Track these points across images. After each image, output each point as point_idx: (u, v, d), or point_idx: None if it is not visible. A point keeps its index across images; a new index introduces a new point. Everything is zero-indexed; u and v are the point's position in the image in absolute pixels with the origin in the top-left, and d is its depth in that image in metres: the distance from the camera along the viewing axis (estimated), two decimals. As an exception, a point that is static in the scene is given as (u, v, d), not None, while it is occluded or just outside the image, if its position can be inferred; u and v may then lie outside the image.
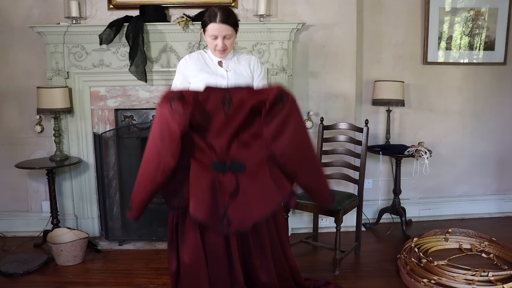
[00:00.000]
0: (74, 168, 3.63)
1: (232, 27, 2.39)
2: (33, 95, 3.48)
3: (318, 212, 3.26)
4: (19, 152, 3.67)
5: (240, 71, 2.50)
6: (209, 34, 2.38)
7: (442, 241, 3.50)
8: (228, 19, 2.35)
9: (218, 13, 2.33)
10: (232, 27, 2.38)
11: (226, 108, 2.13)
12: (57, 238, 3.31)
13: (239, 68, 2.51)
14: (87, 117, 3.59)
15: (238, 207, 2.12)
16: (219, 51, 2.42)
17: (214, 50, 2.44)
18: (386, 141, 3.90)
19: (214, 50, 2.43)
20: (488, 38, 4.02)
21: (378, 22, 3.90)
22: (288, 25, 3.50)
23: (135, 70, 3.40)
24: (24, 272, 3.05)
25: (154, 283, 2.94)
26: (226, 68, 2.49)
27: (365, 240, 3.57)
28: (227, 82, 2.44)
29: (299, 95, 3.70)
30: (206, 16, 2.39)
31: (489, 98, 4.12)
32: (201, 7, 3.56)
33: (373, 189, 4.06)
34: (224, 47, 2.40)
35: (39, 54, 3.56)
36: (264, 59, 3.56)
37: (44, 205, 3.75)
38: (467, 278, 2.82)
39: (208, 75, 2.44)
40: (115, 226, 3.69)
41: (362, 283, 2.96)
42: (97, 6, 3.55)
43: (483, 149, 4.18)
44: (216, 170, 2.15)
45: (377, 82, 3.84)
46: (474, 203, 4.21)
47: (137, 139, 3.74)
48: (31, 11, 3.53)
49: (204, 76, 2.44)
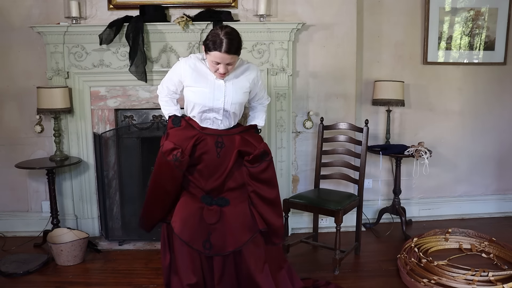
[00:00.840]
0: (74, 168, 3.63)
1: (236, 55, 2.33)
2: (33, 95, 3.48)
3: (318, 212, 3.26)
4: (19, 152, 3.67)
5: (239, 85, 2.46)
6: (211, 59, 2.31)
7: (442, 241, 3.50)
8: (232, 49, 2.26)
9: (224, 43, 2.23)
10: (236, 54, 2.32)
11: (219, 149, 2.42)
12: (57, 238, 3.31)
13: (237, 79, 2.46)
14: (87, 117, 3.59)
15: (220, 235, 2.41)
16: (220, 74, 2.36)
17: (214, 72, 2.37)
18: (386, 141, 3.90)
19: (215, 72, 2.37)
20: (488, 38, 4.02)
21: (378, 22, 3.90)
22: (288, 25, 3.50)
23: (135, 70, 3.40)
24: (24, 272, 3.05)
25: (154, 283, 2.94)
26: (225, 79, 2.42)
27: (365, 240, 3.57)
28: (224, 97, 2.41)
29: (299, 95, 3.71)
30: (210, 41, 2.27)
31: (489, 98, 4.12)
32: (201, 7, 3.56)
33: (373, 189, 4.06)
34: (225, 72, 2.35)
35: (39, 54, 3.56)
36: (264, 59, 3.56)
37: (44, 205, 3.75)
38: (467, 278, 2.82)
39: (205, 88, 2.40)
40: (115, 226, 3.69)
41: (362, 283, 2.96)
42: (97, 6, 3.55)
43: (483, 149, 4.18)
44: (204, 202, 2.45)
45: (377, 82, 3.84)
46: (474, 203, 4.21)
47: (137, 139, 3.73)
48: (31, 11, 3.53)
49: (201, 88, 2.40)
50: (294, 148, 3.77)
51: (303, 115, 3.75)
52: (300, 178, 3.83)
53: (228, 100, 2.42)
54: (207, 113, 2.43)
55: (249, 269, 2.43)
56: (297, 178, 3.82)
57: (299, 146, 3.78)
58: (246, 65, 2.53)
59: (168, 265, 2.53)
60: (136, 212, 3.77)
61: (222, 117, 2.44)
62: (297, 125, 3.75)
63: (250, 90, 2.51)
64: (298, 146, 3.78)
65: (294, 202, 3.22)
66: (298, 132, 3.77)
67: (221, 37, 2.25)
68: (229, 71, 2.38)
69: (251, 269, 2.43)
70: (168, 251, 2.53)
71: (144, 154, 3.78)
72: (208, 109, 2.41)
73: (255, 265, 2.44)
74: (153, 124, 3.62)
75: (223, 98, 2.41)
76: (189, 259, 2.43)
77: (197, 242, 2.40)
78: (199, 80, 2.41)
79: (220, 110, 2.42)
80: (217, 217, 2.41)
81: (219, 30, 2.28)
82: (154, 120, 3.63)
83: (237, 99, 2.44)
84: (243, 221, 2.43)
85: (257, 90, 2.58)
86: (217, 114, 2.43)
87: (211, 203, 2.43)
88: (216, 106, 2.41)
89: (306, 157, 3.80)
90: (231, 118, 2.48)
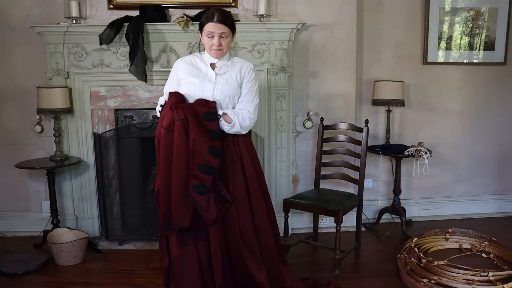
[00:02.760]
0: (74, 168, 3.63)
1: (229, 28, 2.41)
2: (33, 95, 3.48)
3: (318, 212, 3.26)
4: (19, 152, 3.67)
5: (230, 77, 2.48)
6: (206, 32, 2.40)
7: (442, 241, 3.50)
8: (225, 20, 2.39)
9: (216, 14, 2.38)
10: (229, 28, 2.40)
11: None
12: (57, 238, 3.31)
13: (230, 73, 2.49)
14: (87, 117, 3.59)
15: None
16: (215, 50, 2.42)
17: (210, 50, 2.44)
18: (386, 141, 3.90)
19: (210, 50, 2.44)
20: (488, 38, 4.02)
21: (378, 22, 3.90)
22: (288, 25, 3.50)
23: (135, 70, 3.40)
24: (24, 272, 3.04)
25: (154, 283, 2.93)
26: (217, 71, 2.48)
27: (365, 240, 3.57)
28: (213, 86, 2.44)
29: (299, 95, 3.71)
30: (204, 17, 2.42)
31: (489, 98, 4.12)
32: (201, 7, 3.56)
33: (373, 189, 4.06)
34: (219, 45, 2.40)
35: (39, 54, 3.56)
36: (264, 59, 3.56)
37: (44, 205, 3.75)
38: (467, 278, 2.82)
39: (196, 79, 2.45)
40: (115, 226, 3.69)
41: (362, 283, 2.96)
42: (97, 6, 3.55)
43: (483, 149, 4.18)
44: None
45: (377, 82, 3.84)
46: (474, 203, 4.21)
47: (137, 139, 3.74)
48: (31, 11, 3.53)
49: (192, 79, 2.45)
50: (294, 148, 3.77)
51: (303, 115, 3.75)
52: (300, 178, 3.83)
53: (217, 89, 2.43)
54: None
55: (249, 270, 2.45)
56: (297, 178, 3.83)
57: (299, 146, 3.78)
58: (243, 61, 2.58)
59: (167, 267, 2.46)
60: (136, 212, 3.79)
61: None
62: (297, 125, 3.75)
63: (240, 82, 2.50)
64: (298, 146, 3.78)
65: (294, 202, 3.22)
66: (298, 132, 3.77)
67: (213, 11, 2.40)
68: (224, 47, 2.42)
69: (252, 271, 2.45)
70: (166, 249, 2.46)
71: (144, 154, 3.78)
72: (198, 99, 2.42)
73: (254, 266, 2.46)
74: (153, 124, 3.62)
75: (212, 88, 2.43)
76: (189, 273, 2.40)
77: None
78: (191, 72, 2.48)
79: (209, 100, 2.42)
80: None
81: (211, 9, 2.45)
82: (154, 120, 3.63)
83: (227, 90, 2.45)
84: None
85: (244, 83, 2.50)
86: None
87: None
88: (205, 95, 2.42)
89: (306, 157, 3.80)
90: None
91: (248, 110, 2.48)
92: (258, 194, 2.53)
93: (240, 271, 2.49)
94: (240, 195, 2.47)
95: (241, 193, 2.47)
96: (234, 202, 2.45)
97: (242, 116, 2.44)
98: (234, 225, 2.44)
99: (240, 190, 2.47)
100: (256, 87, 2.56)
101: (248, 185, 2.49)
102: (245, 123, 2.45)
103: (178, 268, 2.41)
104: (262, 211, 2.54)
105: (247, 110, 2.48)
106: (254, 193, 2.51)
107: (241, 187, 2.47)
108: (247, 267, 2.47)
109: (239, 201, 2.46)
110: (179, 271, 2.41)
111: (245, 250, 2.46)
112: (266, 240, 2.53)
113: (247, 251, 2.47)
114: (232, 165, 2.46)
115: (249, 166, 2.50)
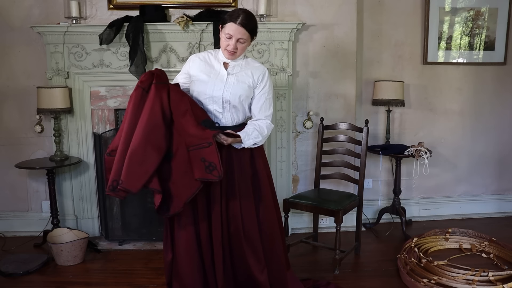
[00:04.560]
0: (74, 168, 3.63)
1: (249, 33, 2.36)
2: (33, 95, 3.48)
3: (318, 212, 3.26)
4: (19, 152, 3.67)
5: (243, 79, 2.44)
6: (225, 32, 2.35)
7: (442, 241, 3.50)
8: (248, 24, 2.33)
9: (241, 16, 2.32)
10: (249, 33, 2.36)
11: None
12: (57, 238, 3.31)
13: (242, 74, 2.45)
14: (87, 117, 3.59)
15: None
16: (228, 52, 2.38)
17: (224, 50, 2.40)
18: (386, 141, 3.90)
19: (224, 50, 2.40)
20: (488, 38, 4.02)
21: (378, 22, 3.91)
22: (288, 25, 3.50)
23: (135, 70, 3.40)
24: (24, 272, 3.05)
25: (154, 283, 2.94)
26: (230, 71, 2.44)
27: (365, 240, 3.57)
28: (224, 86, 2.41)
29: (299, 95, 3.71)
30: (228, 14, 2.37)
31: (489, 98, 4.12)
32: (201, 7, 3.56)
33: (373, 189, 4.06)
34: (234, 49, 2.36)
35: (39, 54, 3.56)
36: (264, 59, 3.56)
37: (44, 205, 3.75)
38: (467, 278, 2.82)
39: (207, 77, 2.42)
40: (115, 226, 3.69)
41: (362, 283, 2.96)
42: (97, 6, 3.55)
43: (483, 149, 4.18)
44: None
45: (377, 82, 3.84)
46: (474, 203, 4.21)
47: (137, 139, 3.73)
48: (31, 11, 3.53)
49: (203, 77, 2.43)
50: (294, 148, 3.77)
51: (303, 115, 3.75)
52: (300, 178, 3.83)
53: (227, 89, 2.40)
54: (207, 104, 2.42)
55: (251, 270, 2.44)
56: (297, 178, 3.83)
57: (299, 146, 3.78)
58: (258, 65, 2.53)
59: (170, 261, 2.46)
60: (136, 212, 3.78)
61: (222, 110, 2.41)
62: (297, 125, 3.75)
63: (253, 87, 2.47)
64: (298, 146, 3.78)
65: (294, 202, 3.22)
66: (298, 132, 3.77)
67: (239, 12, 2.36)
68: (238, 52, 2.39)
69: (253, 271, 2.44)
70: (170, 250, 2.45)
71: (144, 154, 3.77)
72: (208, 97, 2.41)
73: (255, 266, 2.45)
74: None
75: (222, 87, 2.40)
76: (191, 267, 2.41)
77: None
78: (203, 69, 2.45)
79: (219, 99, 2.40)
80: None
81: (239, 9, 2.41)
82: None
83: (237, 90, 2.41)
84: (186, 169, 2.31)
85: (257, 92, 2.48)
86: (217, 106, 2.41)
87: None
88: (215, 94, 2.40)
89: (306, 157, 3.80)
90: (233, 113, 2.44)
91: (267, 119, 2.49)
92: (268, 193, 2.53)
93: (242, 272, 2.48)
94: (245, 193, 2.45)
95: (247, 191, 2.46)
96: (239, 200, 2.43)
97: (261, 127, 2.43)
98: (238, 225, 2.43)
99: (246, 188, 2.46)
100: (272, 94, 2.54)
101: (258, 183, 2.49)
102: (263, 133, 2.45)
103: (181, 264, 2.41)
104: (271, 211, 2.53)
105: (265, 119, 2.48)
106: (264, 191, 2.50)
107: (247, 185, 2.46)
108: (250, 269, 2.45)
109: (244, 198, 2.44)
110: (183, 267, 2.41)
111: (248, 251, 2.45)
112: (275, 243, 2.53)
113: (250, 252, 2.45)
114: (240, 165, 2.45)
115: (260, 167, 2.51)
